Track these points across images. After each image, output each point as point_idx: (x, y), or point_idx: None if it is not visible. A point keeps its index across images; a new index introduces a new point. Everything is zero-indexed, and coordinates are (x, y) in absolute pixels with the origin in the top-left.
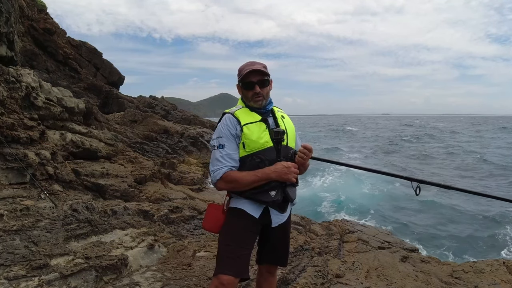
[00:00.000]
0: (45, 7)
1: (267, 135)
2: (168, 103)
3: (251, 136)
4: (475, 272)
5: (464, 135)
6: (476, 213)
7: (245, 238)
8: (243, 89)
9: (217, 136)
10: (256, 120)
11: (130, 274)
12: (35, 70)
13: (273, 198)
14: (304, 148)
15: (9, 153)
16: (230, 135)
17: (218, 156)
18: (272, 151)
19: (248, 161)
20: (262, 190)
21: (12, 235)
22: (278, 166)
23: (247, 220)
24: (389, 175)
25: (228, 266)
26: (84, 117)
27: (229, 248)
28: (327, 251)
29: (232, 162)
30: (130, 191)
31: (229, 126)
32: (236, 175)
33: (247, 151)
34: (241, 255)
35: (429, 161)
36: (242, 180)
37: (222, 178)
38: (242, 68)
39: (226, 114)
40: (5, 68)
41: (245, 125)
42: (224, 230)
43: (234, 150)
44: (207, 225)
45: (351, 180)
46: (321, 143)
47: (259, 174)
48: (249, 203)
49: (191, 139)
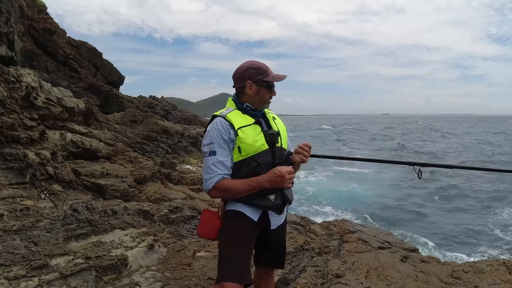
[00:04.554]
0: (45, 7)
1: (262, 138)
2: (168, 103)
3: (246, 139)
4: (475, 272)
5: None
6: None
7: (245, 242)
8: (265, 89)
9: (208, 142)
10: (250, 123)
11: (130, 274)
12: (35, 70)
13: (273, 202)
14: (305, 146)
15: (9, 153)
16: (222, 140)
17: (210, 164)
18: (268, 153)
19: (244, 165)
20: (260, 194)
21: (12, 235)
22: (271, 175)
23: (247, 223)
24: (390, 163)
25: (231, 273)
26: (84, 117)
27: (230, 254)
28: (327, 251)
29: (225, 169)
30: (130, 191)
31: (221, 131)
32: (229, 184)
33: (243, 156)
34: (243, 260)
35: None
36: (235, 190)
37: (214, 187)
38: (264, 68)
39: (216, 117)
40: (5, 68)
41: (240, 128)
42: (224, 234)
43: (226, 157)
44: (203, 232)
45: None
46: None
47: (253, 183)
48: (247, 207)
49: (191, 139)
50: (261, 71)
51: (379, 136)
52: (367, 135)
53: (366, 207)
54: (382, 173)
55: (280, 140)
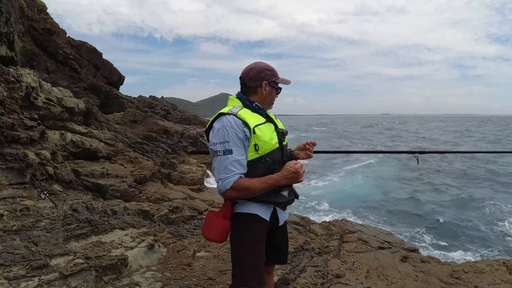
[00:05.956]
0: (45, 7)
1: (276, 136)
2: (168, 103)
3: (264, 137)
4: (475, 272)
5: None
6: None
7: (262, 245)
8: (275, 91)
9: (221, 141)
10: (263, 122)
11: (130, 274)
12: (35, 70)
13: (287, 198)
14: (312, 144)
15: (9, 153)
16: (238, 138)
17: (227, 163)
18: (278, 151)
19: (260, 163)
20: (275, 191)
21: (12, 235)
22: (286, 172)
23: (261, 226)
24: (390, 153)
25: (252, 278)
26: (84, 117)
27: (250, 259)
28: (327, 251)
29: (242, 168)
30: (130, 191)
31: (235, 129)
32: (247, 183)
33: (260, 153)
34: (261, 264)
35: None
36: (253, 189)
37: (232, 187)
38: (275, 70)
39: (226, 115)
40: (5, 68)
41: (256, 126)
42: (240, 239)
43: (242, 155)
44: (211, 235)
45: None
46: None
47: (270, 181)
48: (259, 206)
49: (191, 139)
50: (274, 73)
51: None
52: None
53: (366, 207)
54: (382, 173)
55: (285, 139)
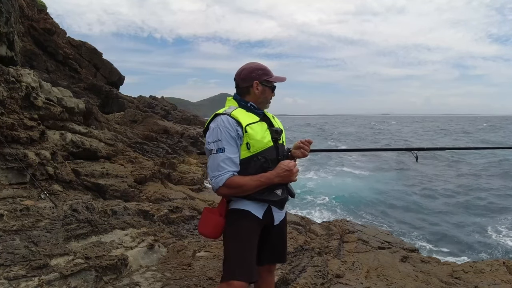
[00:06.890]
0: (45, 7)
1: (269, 135)
2: (168, 103)
3: (255, 136)
4: (475, 272)
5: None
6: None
7: (252, 240)
8: (269, 90)
9: (214, 140)
10: (256, 120)
11: (130, 274)
12: (35, 70)
13: (280, 197)
14: (307, 142)
15: (9, 153)
16: (230, 137)
17: (219, 161)
18: (273, 150)
19: (252, 161)
20: (268, 189)
21: (12, 235)
22: (279, 170)
23: (252, 222)
24: (389, 150)
25: (240, 271)
26: (84, 117)
27: (238, 252)
28: (327, 251)
29: (234, 166)
30: (130, 191)
31: (228, 128)
32: (239, 180)
33: (252, 152)
34: (250, 258)
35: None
36: (246, 186)
37: (225, 184)
38: (268, 69)
39: (221, 115)
40: (5, 68)
41: (248, 125)
42: (230, 233)
43: (235, 154)
44: (206, 230)
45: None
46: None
47: (263, 179)
48: (252, 204)
49: (191, 139)
50: (266, 72)
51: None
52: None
53: (366, 207)
54: (382, 172)
55: (281, 138)
